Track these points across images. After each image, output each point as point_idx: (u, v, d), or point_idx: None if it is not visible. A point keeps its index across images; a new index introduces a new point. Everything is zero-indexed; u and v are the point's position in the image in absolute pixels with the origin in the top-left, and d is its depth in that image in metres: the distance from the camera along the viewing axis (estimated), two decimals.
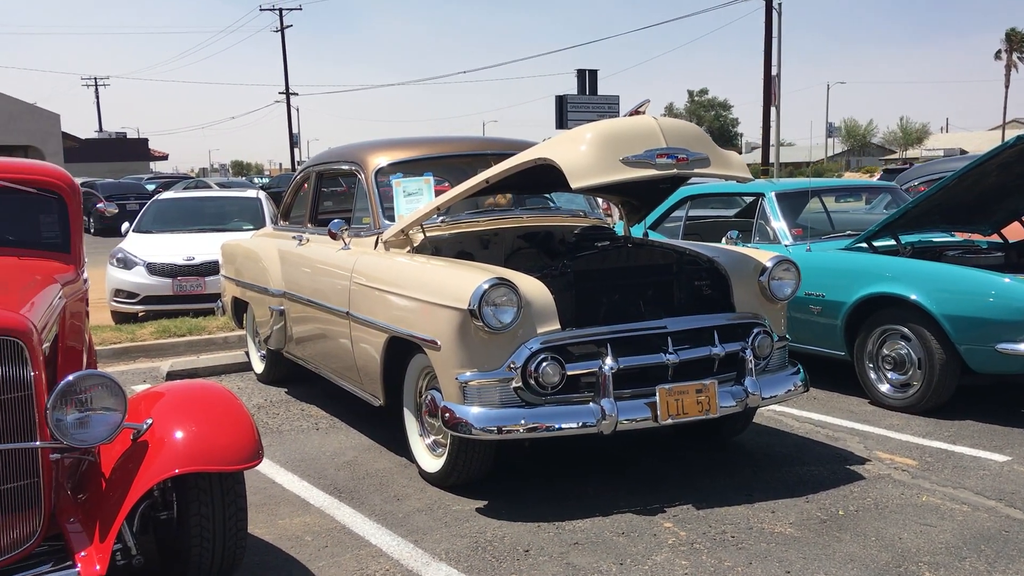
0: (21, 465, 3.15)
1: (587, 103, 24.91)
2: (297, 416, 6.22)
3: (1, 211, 4.52)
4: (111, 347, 8.11)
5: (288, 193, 7.14)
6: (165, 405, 3.52)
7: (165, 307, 9.80)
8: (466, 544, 4.02)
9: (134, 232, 10.88)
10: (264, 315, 6.74)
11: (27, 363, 3.14)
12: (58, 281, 4.06)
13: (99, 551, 3.18)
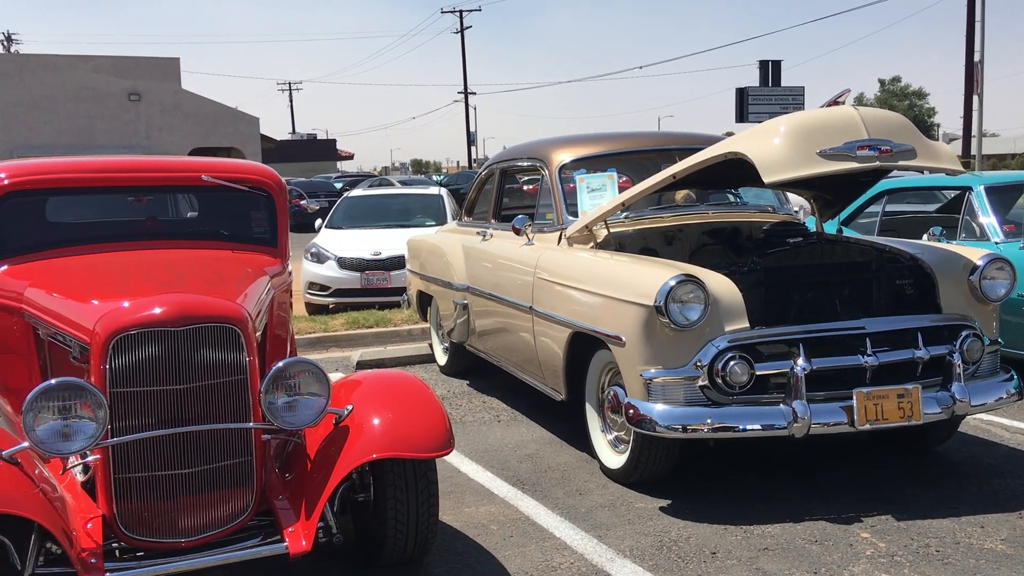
0: (236, 444, 3.38)
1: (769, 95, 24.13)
2: (479, 408, 6.36)
3: (217, 208, 4.88)
4: (306, 336, 8.58)
5: (472, 189, 7.31)
6: (364, 392, 3.69)
7: (353, 299, 10.28)
8: (651, 543, 3.98)
9: (326, 228, 11.46)
10: (448, 309, 6.93)
11: (242, 349, 3.36)
12: (267, 273, 4.33)
13: (305, 528, 3.37)
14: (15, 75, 28.93)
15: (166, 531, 3.30)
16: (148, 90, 30.01)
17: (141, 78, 30.00)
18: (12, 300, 3.99)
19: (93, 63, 29.77)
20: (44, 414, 3.09)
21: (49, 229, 4.60)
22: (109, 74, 29.56)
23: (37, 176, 4.43)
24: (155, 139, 29.70)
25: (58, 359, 3.85)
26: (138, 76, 29.99)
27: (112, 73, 29.63)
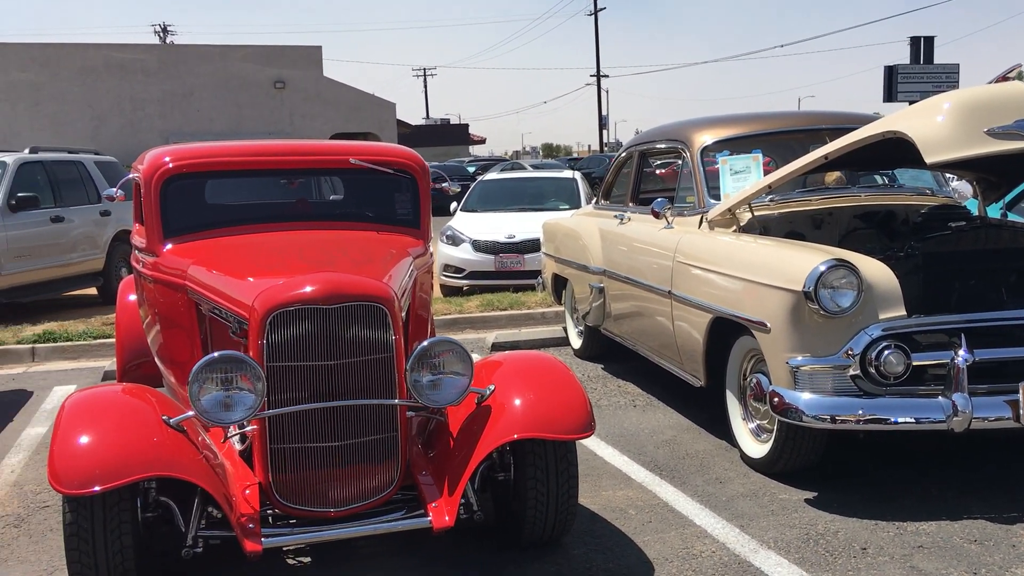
0: (382, 420, 3.48)
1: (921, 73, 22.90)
2: (614, 392, 6.33)
3: (362, 190, 5.02)
4: (442, 318, 8.74)
5: (610, 172, 7.25)
6: (505, 373, 3.72)
7: (487, 282, 10.39)
8: (796, 535, 3.86)
9: (461, 211, 11.62)
10: (583, 292, 6.91)
11: (389, 328, 3.44)
12: (410, 254, 4.42)
13: (448, 504, 3.43)
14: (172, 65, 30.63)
15: (317, 501, 3.43)
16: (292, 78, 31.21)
17: (286, 66, 31.23)
18: (177, 277, 4.22)
19: (242, 53, 31.18)
20: (208, 385, 3.25)
21: (208, 210, 4.84)
22: (256, 63, 30.90)
23: (198, 160, 4.66)
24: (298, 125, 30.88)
25: (218, 333, 4.05)
26: (283, 64, 31.22)
27: (259, 62, 30.96)
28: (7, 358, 7.84)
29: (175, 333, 4.40)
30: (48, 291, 10.15)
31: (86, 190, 10.86)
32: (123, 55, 29.98)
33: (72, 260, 10.37)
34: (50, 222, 10.00)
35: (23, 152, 10.47)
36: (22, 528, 4.17)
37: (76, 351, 8.04)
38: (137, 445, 3.18)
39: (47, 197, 10.08)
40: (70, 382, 7.04)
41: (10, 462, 5.14)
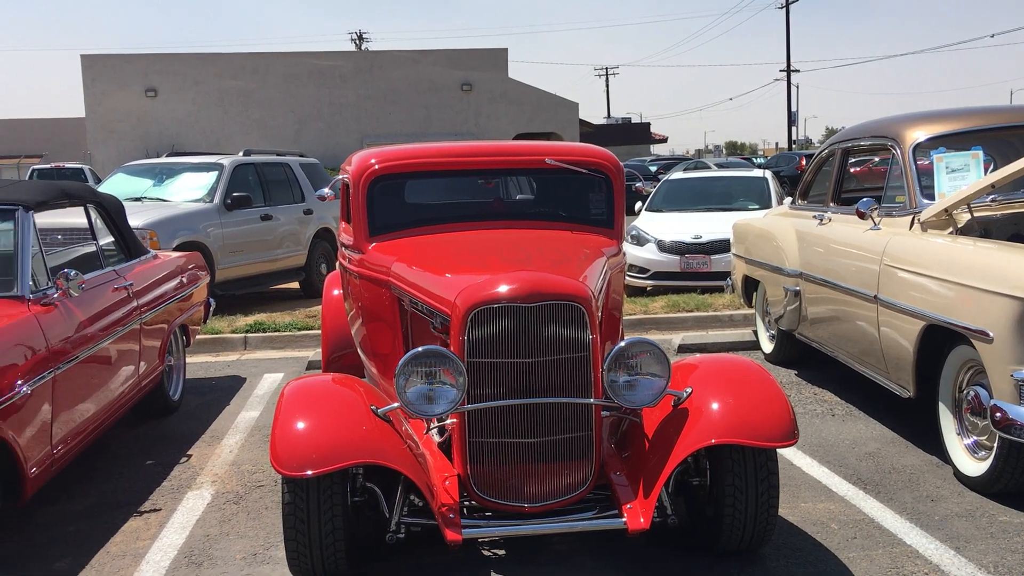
0: (577, 418, 3.49)
1: None
2: (809, 399, 6.08)
3: (556, 190, 5.06)
4: (627, 318, 8.69)
5: (808, 171, 6.96)
6: (703, 376, 3.64)
7: (672, 283, 10.24)
8: (1019, 560, 3.57)
9: (646, 211, 11.52)
10: (777, 295, 6.68)
11: (586, 327, 3.45)
12: (604, 254, 4.42)
13: (643, 506, 3.40)
14: (367, 71, 32.11)
15: (513, 495, 3.49)
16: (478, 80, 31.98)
17: (473, 69, 32.04)
18: (382, 274, 4.41)
19: (432, 57, 32.27)
20: (413, 378, 3.38)
21: (410, 209, 5.03)
22: (445, 66, 31.88)
23: (402, 161, 4.85)
24: (483, 126, 31.60)
25: (419, 328, 4.20)
26: (470, 67, 32.05)
27: (447, 65, 31.93)
28: (223, 346, 8.47)
29: (378, 327, 4.60)
30: (257, 285, 10.86)
31: (292, 190, 11.55)
32: (323, 62, 31.73)
33: (278, 256, 11.04)
34: (260, 220, 10.69)
35: (238, 155, 11.28)
36: (240, 505, 4.49)
37: (282, 341, 8.57)
38: (348, 433, 3.35)
39: (258, 196, 10.78)
40: (278, 370, 7.52)
41: (229, 443, 5.54)
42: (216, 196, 10.15)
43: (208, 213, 9.97)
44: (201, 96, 31.02)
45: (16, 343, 3.94)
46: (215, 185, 10.28)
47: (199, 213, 9.90)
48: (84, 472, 4.91)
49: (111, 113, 30.66)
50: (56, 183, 5.74)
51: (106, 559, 3.88)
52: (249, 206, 10.42)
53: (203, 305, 7.00)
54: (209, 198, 10.15)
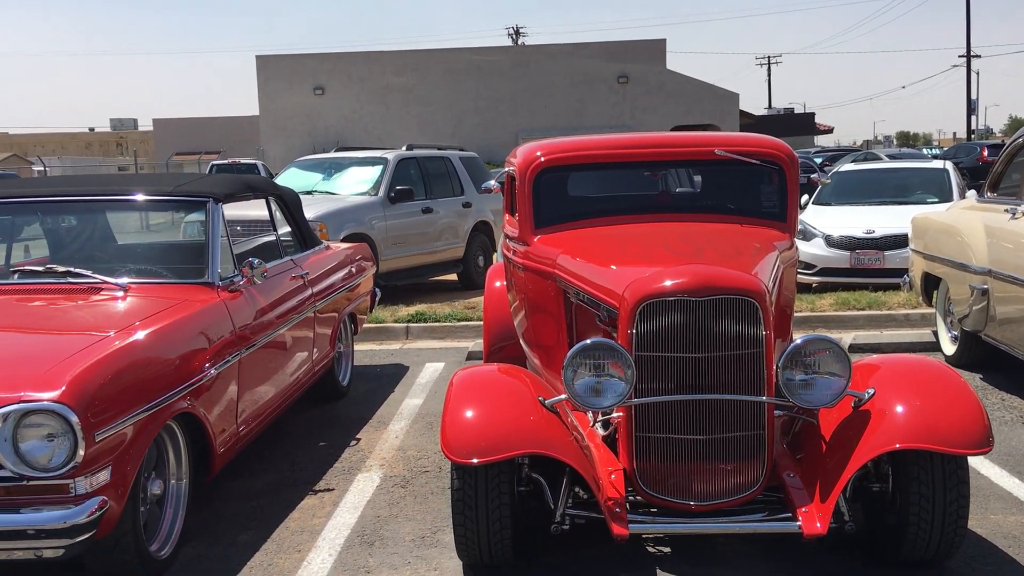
0: (749, 416, 3.39)
1: None
2: (996, 406, 5.68)
3: (725, 182, 4.93)
4: (796, 315, 8.37)
5: (999, 162, 6.49)
6: (886, 376, 3.46)
7: (841, 279, 9.80)
8: None
9: (813, 204, 11.06)
10: (961, 293, 6.27)
11: (760, 323, 3.35)
12: (776, 248, 4.27)
13: (820, 511, 3.27)
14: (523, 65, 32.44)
15: (679, 492, 3.42)
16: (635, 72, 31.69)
17: (629, 61, 31.78)
18: (547, 266, 4.42)
19: (587, 50, 32.24)
20: (581, 371, 3.37)
21: (575, 202, 5.03)
22: (601, 59, 31.77)
23: (568, 153, 4.85)
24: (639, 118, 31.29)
25: (584, 320, 4.19)
26: (626, 59, 31.80)
27: (603, 58, 31.81)
28: (386, 335, 8.75)
29: (542, 318, 4.62)
30: (417, 276, 11.15)
31: (451, 183, 11.79)
32: (481, 58, 32.29)
33: (437, 248, 11.29)
34: (421, 213, 10.96)
35: (401, 149, 11.62)
36: (407, 489, 4.62)
37: (443, 331, 8.77)
38: (517, 423, 3.38)
39: (419, 190, 11.06)
40: (439, 360, 7.69)
41: (394, 428, 5.72)
42: (380, 190, 10.49)
43: (373, 206, 10.32)
44: (365, 93, 32.20)
45: (208, 327, 4.20)
46: (380, 179, 10.63)
47: (365, 206, 10.26)
48: (263, 451, 5.18)
49: (282, 111, 32.30)
50: (241, 177, 6.08)
51: (285, 534, 4.08)
52: (411, 199, 10.69)
53: (370, 295, 7.25)
54: (374, 191, 10.50)
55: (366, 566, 3.73)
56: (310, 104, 32.30)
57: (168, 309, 4.10)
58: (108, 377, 3.33)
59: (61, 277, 4.44)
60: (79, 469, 3.12)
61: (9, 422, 3.04)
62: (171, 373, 3.74)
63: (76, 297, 4.31)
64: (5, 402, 3.06)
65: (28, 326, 4.09)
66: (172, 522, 3.84)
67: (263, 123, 32.97)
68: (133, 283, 4.42)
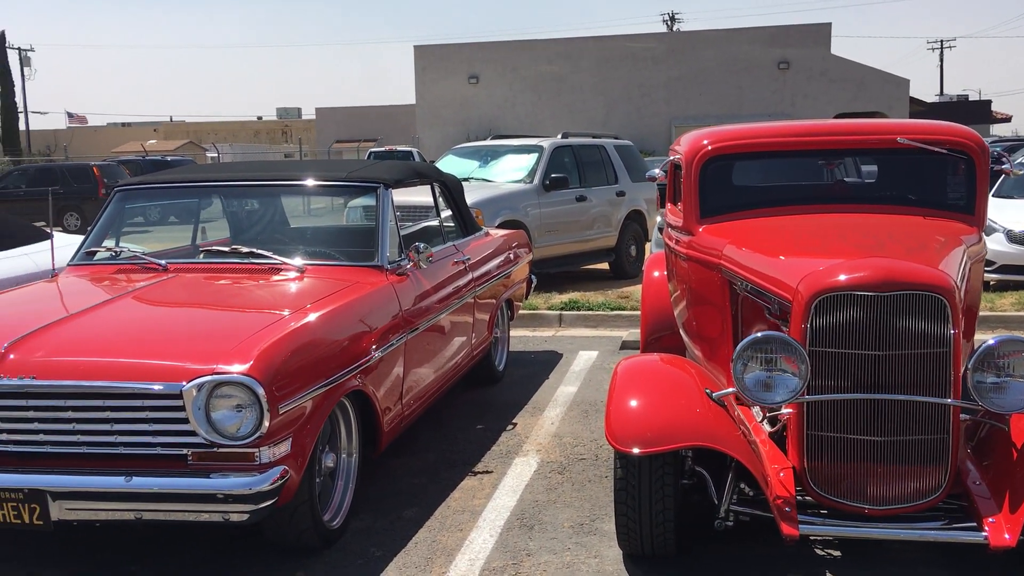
0: (932, 419, 3.22)
1: None
2: None
3: (905, 172, 4.68)
4: None
5: None
6: None
7: (1022, 277, 9.18)
8: None
9: (994, 197, 10.34)
10: None
11: (948, 321, 3.16)
12: (963, 243, 4.02)
13: (1009, 522, 3.07)
14: (678, 52, 31.87)
15: (854, 495, 3.29)
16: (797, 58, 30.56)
17: (791, 46, 30.67)
18: (713, 256, 4.33)
19: (747, 35, 31.30)
20: (752, 364, 3.28)
21: (743, 191, 4.90)
22: (761, 44, 30.81)
23: (736, 141, 4.72)
24: (799, 105, 30.18)
25: (750, 313, 4.08)
26: (788, 44, 30.71)
27: (763, 43, 30.82)
28: (540, 322, 8.82)
29: (706, 310, 4.53)
30: (568, 264, 11.17)
31: (605, 172, 11.73)
32: (635, 45, 31.92)
33: (589, 237, 11.27)
34: (575, 201, 10.97)
35: (556, 137, 11.65)
36: (565, 475, 4.64)
37: (595, 320, 8.76)
38: (683, 414, 3.34)
39: (574, 178, 11.06)
40: (592, 348, 7.69)
41: (550, 415, 5.76)
42: (536, 177, 10.56)
43: (528, 193, 10.40)
44: (518, 82, 32.47)
45: (378, 309, 4.35)
46: (535, 166, 10.70)
47: (520, 193, 10.35)
48: (423, 432, 5.33)
49: (437, 99, 33.02)
50: (408, 163, 6.28)
51: (447, 513, 4.18)
52: (566, 187, 10.71)
53: (525, 281, 7.32)
54: (529, 179, 10.58)
55: (526, 549, 3.78)
56: (464, 93, 32.87)
57: (342, 291, 4.27)
58: (291, 353, 3.50)
59: (244, 257, 4.69)
60: (264, 439, 3.29)
61: (203, 392, 3.25)
62: (345, 352, 3.89)
63: (257, 277, 4.55)
64: (200, 373, 3.27)
65: (216, 303, 4.35)
66: (343, 494, 4.01)
67: (419, 111, 33.81)
68: (309, 265, 4.63)
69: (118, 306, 4.09)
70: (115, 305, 4.09)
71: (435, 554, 3.76)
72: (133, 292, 4.28)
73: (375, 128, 47.57)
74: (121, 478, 3.26)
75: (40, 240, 6.77)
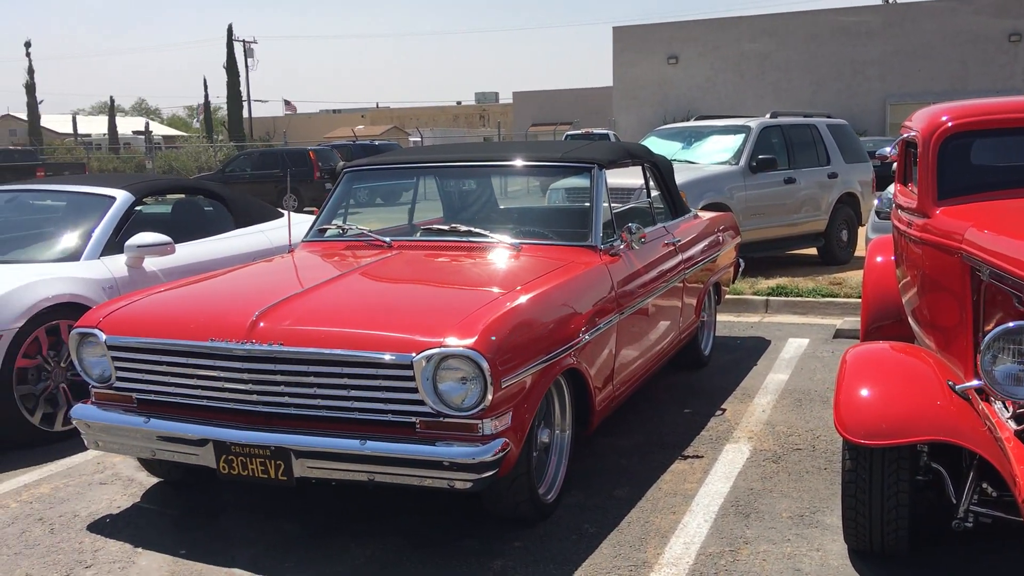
0: None
1: None
2: None
3: None
4: None
5: None
6: None
7: None
8: None
9: None
10: None
11: None
12: None
13: None
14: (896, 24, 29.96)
15: None
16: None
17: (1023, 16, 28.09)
18: (952, 240, 4.03)
19: (973, 6, 28.97)
20: (1003, 356, 3.04)
21: (982, 171, 4.54)
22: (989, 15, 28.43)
23: (982, 117, 4.38)
24: None
25: (995, 301, 3.77)
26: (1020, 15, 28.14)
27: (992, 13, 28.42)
28: (745, 307, 8.58)
29: (942, 297, 4.24)
30: (774, 249, 10.79)
31: (816, 153, 11.22)
32: (847, 19, 30.28)
33: (797, 221, 10.83)
34: (782, 183, 10.57)
35: (764, 117, 11.26)
36: (780, 464, 4.50)
37: (804, 307, 8.42)
38: (922, 406, 3.15)
39: (782, 159, 10.67)
40: (802, 336, 7.41)
41: (760, 402, 5.60)
42: (742, 158, 10.27)
43: (733, 175, 10.13)
44: (719, 61, 31.66)
45: (592, 288, 4.37)
46: (741, 147, 10.40)
47: (725, 175, 10.10)
48: (629, 414, 5.32)
49: (635, 81, 32.75)
50: (621, 144, 6.24)
51: (659, 495, 4.16)
52: (773, 169, 10.36)
53: (732, 265, 7.14)
54: (735, 160, 10.30)
55: (744, 536, 3.70)
56: (663, 73, 32.41)
57: (558, 269, 4.33)
58: (512, 329, 3.58)
59: (463, 236, 4.85)
60: (487, 411, 3.39)
61: (431, 364, 3.38)
62: (561, 330, 3.94)
63: (475, 255, 4.69)
64: (428, 346, 3.41)
65: (439, 279, 4.53)
66: (556, 469, 4.07)
67: (616, 93, 33.67)
68: (524, 243, 4.72)
69: (350, 280, 4.34)
70: (348, 279, 4.34)
71: (648, 535, 3.75)
72: (362, 267, 4.52)
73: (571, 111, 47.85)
74: (357, 441, 3.45)
75: (273, 219, 7.30)
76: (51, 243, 5.87)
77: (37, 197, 6.80)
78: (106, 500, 4.29)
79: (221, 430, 3.64)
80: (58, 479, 4.58)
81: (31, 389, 5.02)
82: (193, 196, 7.32)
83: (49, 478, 4.60)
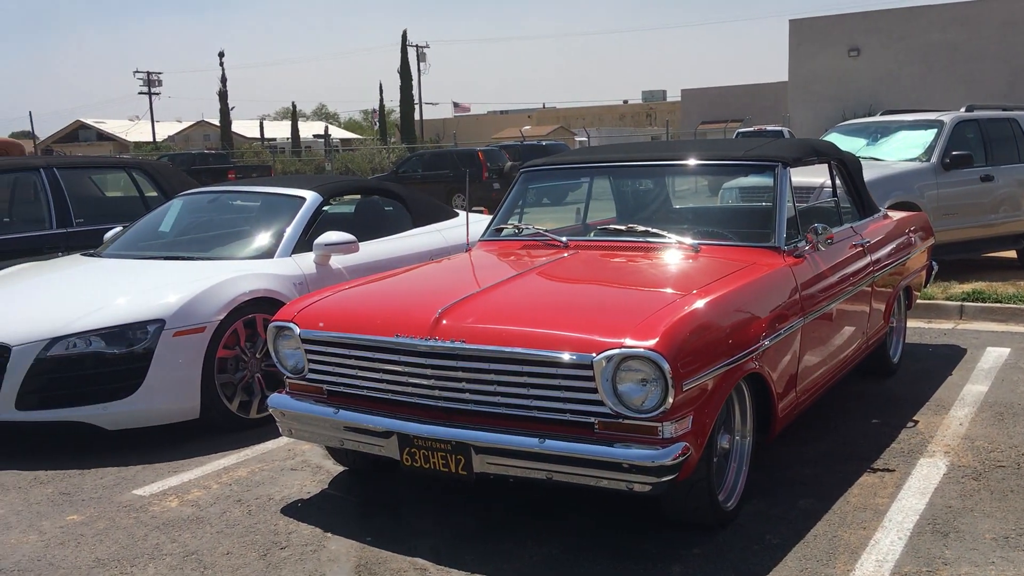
0: None
1: None
2: None
3: None
4: None
5: None
6: None
7: None
8: None
9: None
10: None
11: None
12: None
13: None
14: None
15: None
16: None
17: None
18: None
19: None
20: None
21: None
22: None
23: None
24: None
25: None
26: None
27: None
28: (937, 313, 8.07)
29: None
30: (969, 251, 10.10)
31: (1017, 149, 10.42)
32: None
33: (995, 221, 10.09)
34: (979, 181, 9.88)
35: (959, 111, 10.55)
36: (981, 482, 4.20)
37: (1004, 313, 7.83)
38: None
39: (978, 155, 9.98)
40: (1002, 344, 6.89)
41: (956, 415, 5.24)
42: (933, 155, 9.67)
43: (923, 173, 9.55)
44: (903, 52, 29.97)
45: (775, 291, 4.21)
46: (933, 143, 9.80)
47: (914, 172, 9.54)
48: (812, 421, 5.10)
49: (811, 75, 31.49)
50: (806, 141, 6.00)
51: (847, 508, 3.96)
52: (968, 166, 9.71)
53: (925, 269, 6.73)
54: (926, 157, 9.71)
55: (942, 557, 3.47)
56: (842, 67, 30.99)
57: (740, 271, 4.20)
58: (694, 331, 3.50)
59: (640, 236, 4.79)
60: (667, 414, 3.33)
61: (611, 365, 3.35)
62: (743, 333, 3.81)
63: (652, 255, 4.62)
64: (608, 347, 3.38)
65: (617, 279, 4.49)
66: (736, 476, 3.95)
67: (791, 89, 32.50)
68: (704, 244, 4.61)
69: (528, 279, 4.37)
70: (525, 278, 4.38)
71: (837, 550, 3.58)
72: (539, 267, 4.54)
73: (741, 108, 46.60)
74: (536, 439, 3.47)
75: (448, 218, 7.49)
76: (248, 241, 6.24)
77: (235, 197, 7.26)
78: (297, 485, 4.52)
79: (405, 423, 3.74)
80: (254, 463, 4.86)
81: (230, 378, 5.35)
82: (374, 196, 7.60)
83: (246, 462, 4.89)
